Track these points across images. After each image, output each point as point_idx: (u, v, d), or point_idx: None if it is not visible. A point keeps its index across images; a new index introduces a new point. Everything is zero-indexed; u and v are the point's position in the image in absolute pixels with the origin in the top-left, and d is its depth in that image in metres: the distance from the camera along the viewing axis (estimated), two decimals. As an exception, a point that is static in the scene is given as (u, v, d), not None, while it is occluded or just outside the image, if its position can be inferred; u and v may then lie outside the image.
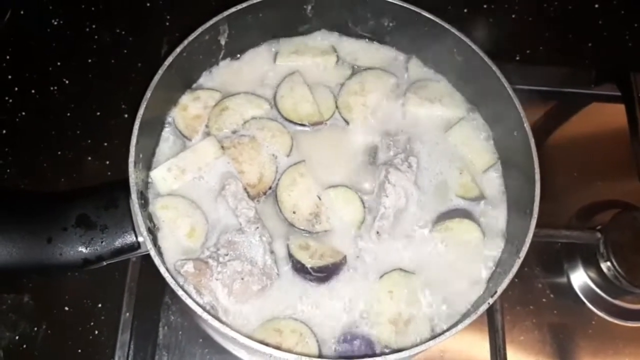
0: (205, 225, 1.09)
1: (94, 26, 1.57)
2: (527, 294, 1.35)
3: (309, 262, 1.05)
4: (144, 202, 1.06)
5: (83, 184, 1.39)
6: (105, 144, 1.43)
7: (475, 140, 1.21)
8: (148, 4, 1.63)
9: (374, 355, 0.95)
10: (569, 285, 1.37)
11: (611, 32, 1.67)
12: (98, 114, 1.47)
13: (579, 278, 1.37)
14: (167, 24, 1.59)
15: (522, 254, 0.98)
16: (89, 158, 1.42)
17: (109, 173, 1.41)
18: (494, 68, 1.11)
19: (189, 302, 0.92)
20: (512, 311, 1.32)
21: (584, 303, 1.35)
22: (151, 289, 1.28)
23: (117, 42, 1.56)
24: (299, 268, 1.06)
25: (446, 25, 1.14)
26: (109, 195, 1.00)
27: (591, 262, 1.35)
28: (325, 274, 1.06)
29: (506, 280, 0.96)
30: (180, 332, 1.27)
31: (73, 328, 1.27)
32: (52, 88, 1.49)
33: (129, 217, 0.99)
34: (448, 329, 0.96)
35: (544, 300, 1.35)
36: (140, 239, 0.98)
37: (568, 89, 1.55)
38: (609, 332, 1.33)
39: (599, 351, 1.32)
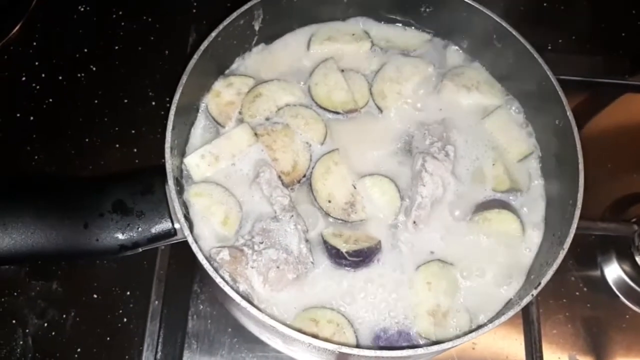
0: (239, 213, 1.08)
1: (120, 13, 1.56)
2: (560, 287, 1.33)
3: (343, 247, 1.04)
4: (180, 189, 1.04)
5: (111, 171, 1.38)
6: (133, 131, 1.42)
7: (512, 128, 1.19)
8: (175, -9, 1.61)
9: (413, 346, 0.94)
10: (603, 278, 1.35)
11: (645, 22, 1.64)
12: (125, 101, 1.46)
13: (613, 271, 1.35)
14: (194, 11, 1.57)
15: (566, 245, 0.96)
16: (117, 145, 1.41)
17: (137, 160, 1.40)
18: (536, 55, 1.08)
19: (227, 289, 0.90)
20: (545, 304, 1.30)
21: (617, 297, 1.33)
22: (180, 278, 1.27)
23: (143, 29, 1.54)
24: (334, 254, 1.05)
25: (486, 11, 1.12)
26: (145, 181, 0.99)
27: (626, 255, 1.34)
28: (360, 258, 1.04)
29: (550, 272, 0.95)
30: (209, 321, 1.26)
31: (102, 316, 1.26)
32: (79, 75, 1.48)
33: (165, 203, 0.98)
34: (490, 322, 0.94)
35: (577, 293, 1.33)
36: (176, 226, 0.97)
37: (601, 79, 1.52)
38: (643, 327, 1.31)
39: (633, 345, 1.30)
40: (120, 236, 0.96)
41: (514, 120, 1.19)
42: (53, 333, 1.24)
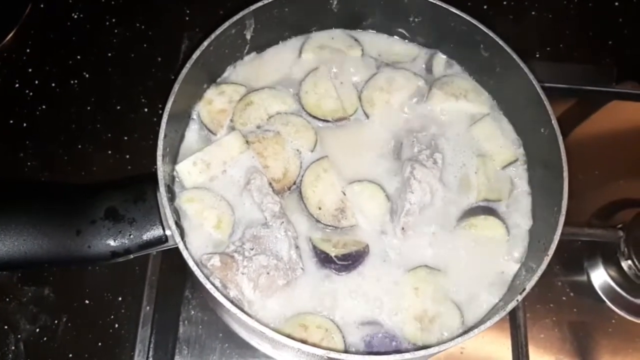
0: (231, 216, 1.09)
1: (113, 20, 1.58)
2: (547, 292, 1.35)
3: (332, 251, 1.06)
4: (171, 196, 1.06)
5: (103, 177, 1.39)
6: (125, 137, 1.44)
7: (499, 136, 1.20)
8: (168, -1, 1.63)
9: (399, 351, 0.95)
10: (589, 283, 1.37)
11: (632, 30, 1.66)
12: (118, 108, 1.47)
13: (600, 276, 1.37)
14: (187, 18, 1.59)
15: (551, 252, 0.97)
16: (109, 152, 1.42)
17: (129, 167, 1.41)
18: (522, 65, 1.10)
19: (217, 295, 0.92)
20: (532, 309, 1.32)
21: (604, 301, 1.35)
22: (172, 283, 1.28)
23: (136, 36, 1.56)
24: (323, 258, 1.06)
25: (473, 21, 1.13)
26: (137, 188, 1.00)
27: (612, 261, 1.35)
28: (349, 261, 1.06)
29: (535, 277, 0.96)
30: (200, 327, 1.27)
31: (93, 321, 1.27)
32: (72, 82, 1.49)
33: (156, 210, 0.98)
34: (475, 327, 0.95)
35: (564, 298, 1.35)
36: (168, 233, 0.98)
37: (589, 87, 1.54)
38: (629, 331, 1.33)
39: (619, 350, 1.32)
40: (112, 243, 0.97)
41: (501, 128, 1.21)
42: (45, 338, 1.25)
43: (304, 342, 0.92)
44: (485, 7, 1.65)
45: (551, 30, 1.65)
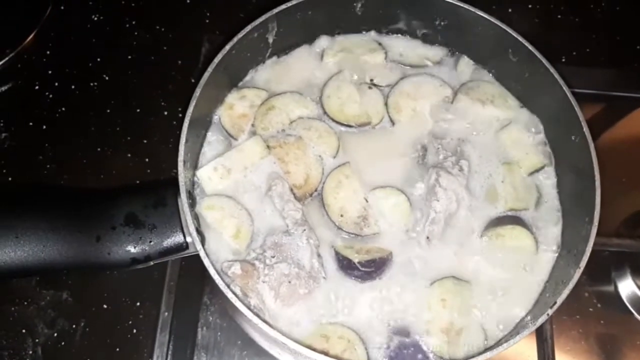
0: (250, 227, 1.07)
1: (133, 22, 1.57)
2: (574, 303, 1.31)
3: (355, 257, 1.04)
4: (192, 202, 1.04)
5: (122, 181, 1.38)
6: (145, 141, 1.42)
7: (526, 142, 1.18)
8: (188, 1, 1.61)
9: (425, 364, 0.93)
10: (617, 294, 1.33)
11: (661, 35, 1.62)
12: (138, 111, 1.46)
13: (627, 287, 1.33)
14: (207, 21, 1.57)
15: (583, 264, 0.95)
16: (129, 155, 1.41)
17: (148, 170, 1.39)
18: (552, 70, 1.08)
19: (238, 304, 0.90)
20: (558, 320, 1.28)
21: (632, 313, 1.31)
22: (190, 289, 1.26)
23: (156, 39, 1.55)
24: (346, 265, 1.04)
25: (501, 25, 1.11)
26: (157, 194, 0.98)
27: (640, 272, 1.32)
28: (372, 268, 1.04)
29: (566, 291, 0.93)
30: (219, 333, 1.25)
31: (111, 326, 1.26)
32: (92, 84, 1.48)
33: (177, 216, 0.97)
34: (504, 340, 0.93)
35: (591, 309, 1.31)
36: (188, 239, 0.97)
37: (616, 92, 1.51)
38: (657, 344, 1.29)
39: (647, 363, 1.28)
40: (132, 249, 0.95)
41: (528, 134, 1.18)
42: (63, 343, 1.24)
43: (325, 353, 0.89)
44: (510, 10, 1.61)
45: (577, 34, 1.62)
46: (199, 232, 1.00)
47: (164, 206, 0.98)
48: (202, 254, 0.93)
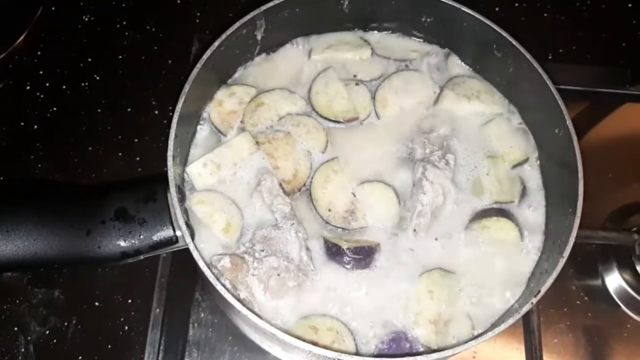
0: (240, 221, 1.08)
1: (124, 22, 1.58)
2: (561, 296, 1.33)
3: (344, 244, 1.05)
4: (182, 197, 1.05)
5: (113, 179, 1.39)
6: (136, 140, 1.43)
7: (509, 136, 1.19)
8: (178, 1, 1.62)
9: (413, 354, 0.94)
10: (604, 287, 1.35)
11: (646, 32, 1.64)
12: (129, 110, 1.47)
13: (614, 280, 1.35)
14: (197, 21, 1.59)
15: (566, 254, 0.96)
16: (120, 154, 1.42)
17: (139, 169, 1.40)
18: (536, 65, 1.09)
19: (227, 296, 0.91)
20: (546, 313, 1.30)
21: (618, 306, 1.33)
22: (182, 285, 1.27)
23: (147, 38, 1.56)
24: (335, 251, 1.05)
25: (486, 21, 1.12)
26: (147, 189, 0.99)
27: (626, 265, 1.33)
28: (361, 256, 1.05)
29: (550, 280, 0.94)
30: (210, 329, 1.26)
31: (103, 323, 1.26)
32: (82, 84, 1.49)
33: (167, 211, 0.98)
34: (490, 329, 0.94)
35: (578, 302, 1.33)
36: (178, 233, 0.98)
37: (601, 89, 1.52)
38: (644, 336, 1.31)
39: (634, 355, 1.29)
40: (122, 243, 0.96)
41: (513, 128, 1.20)
42: (54, 340, 1.24)
43: (314, 344, 0.90)
44: (497, 9, 1.63)
45: (563, 32, 1.64)
46: (189, 226, 1.01)
47: (154, 201, 0.99)
48: (191, 247, 0.94)
